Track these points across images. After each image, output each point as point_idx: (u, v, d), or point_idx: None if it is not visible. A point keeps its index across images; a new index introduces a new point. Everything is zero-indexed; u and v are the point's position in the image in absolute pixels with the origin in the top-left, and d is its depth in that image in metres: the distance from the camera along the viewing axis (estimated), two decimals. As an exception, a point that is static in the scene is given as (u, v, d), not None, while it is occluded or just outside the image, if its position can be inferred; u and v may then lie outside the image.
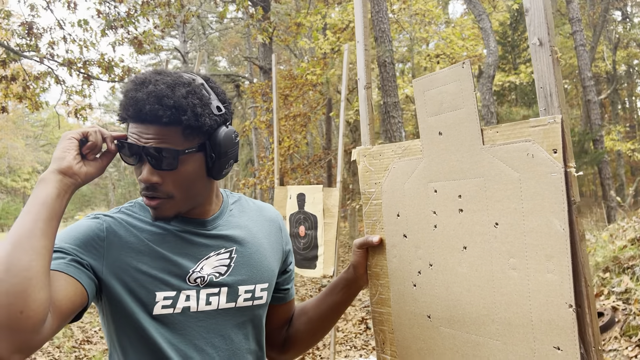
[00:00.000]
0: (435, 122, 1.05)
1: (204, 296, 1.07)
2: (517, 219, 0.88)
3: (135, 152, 1.02)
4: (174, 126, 0.99)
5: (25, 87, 9.20)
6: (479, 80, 7.84)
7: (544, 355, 0.84)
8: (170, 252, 1.06)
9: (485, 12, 7.98)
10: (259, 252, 1.18)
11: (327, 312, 1.28)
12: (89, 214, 1.09)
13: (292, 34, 15.31)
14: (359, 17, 1.30)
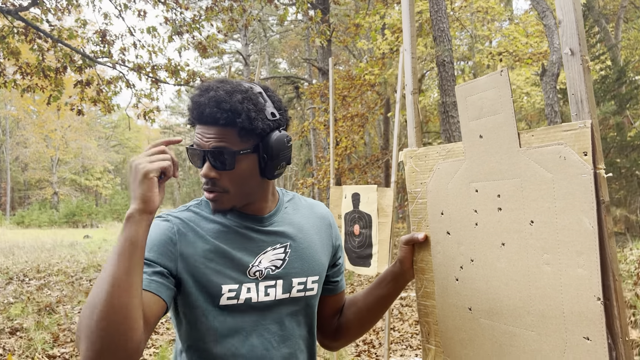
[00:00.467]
0: (476, 125, 1.11)
1: (263, 288, 1.18)
2: (551, 217, 0.94)
3: (199, 153, 1.15)
4: (230, 128, 1.11)
5: (99, 91, 9.77)
6: (542, 78, 7.64)
7: (575, 345, 0.90)
8: (232, 248, 1.18)
9: (549, 9, 7.76)
10: (310, 247, 1.29)
11: (374, 304, 1.36)
12: (160, 214, 1.20)
13: (351, 35, 15.40)
14: (406, 26, 1.38)
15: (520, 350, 1.02)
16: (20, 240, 17.87)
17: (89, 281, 9.40)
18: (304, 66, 29.56)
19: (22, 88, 9.13)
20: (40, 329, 5.95)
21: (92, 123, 43.50)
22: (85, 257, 13.19)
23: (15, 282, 9.18)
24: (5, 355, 5.03)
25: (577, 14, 0.87)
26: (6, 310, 6.89)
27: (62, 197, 40.39)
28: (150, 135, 54.62)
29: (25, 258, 12.85)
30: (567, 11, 0.88)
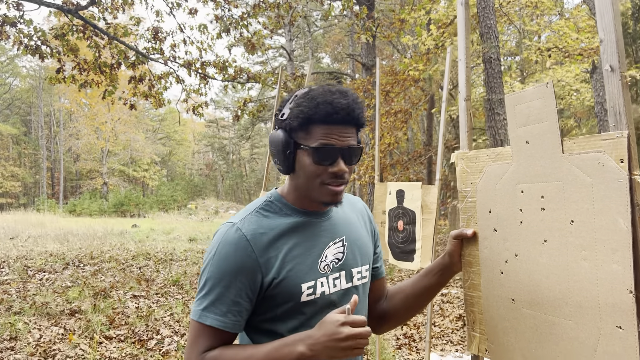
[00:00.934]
0: (523, 132, 1.22)
1: (331, 281, 1.31)
2: (589, 217, 1.04)
3: (336, 151, 1.21)
4: (359, 127, 1.26)
5: (151, 86, 10.15)
6: (592, 76, 7.49)
7: (608, 333, 1.00)
8: (305, 246, 1.29)
9: (600, 4, 7.58)
10: (360, 239, 1.42)
11: (421, 292, 1.46)
12: (229, 222, 1.24)
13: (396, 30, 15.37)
14: (461, 38, 1.48)
15: (559, 338, 1.13)
16: (74, 228, 18.71)
17: (139, 268, 9.82)
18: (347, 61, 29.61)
19: (79, 83, 9.59)
20: (97, 311, 6.32)
21: (140, 116, 44.80)
22: (134, 246, 13.74)
23: (71, 268, 9.69)
24: (67, 335, 5.39)
25: (617, 34, 0.97)
26: (65, 293, 7.33)
27: (111, 187, 41.84)
28: (195, 128, 55.79)
29: (79, 245, 13.49)
30: (608, 31, 0.98)
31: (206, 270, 1.21)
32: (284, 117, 1.23)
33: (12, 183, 40.60)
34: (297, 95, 1.24)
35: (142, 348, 5.02)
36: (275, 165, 1.29)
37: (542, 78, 11.50)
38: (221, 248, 1.20)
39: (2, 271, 9.05)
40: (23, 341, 5.15)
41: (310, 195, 1.28)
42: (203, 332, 1.19)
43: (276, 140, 1.24)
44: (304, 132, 1.21)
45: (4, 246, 12.93)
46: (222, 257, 1.20)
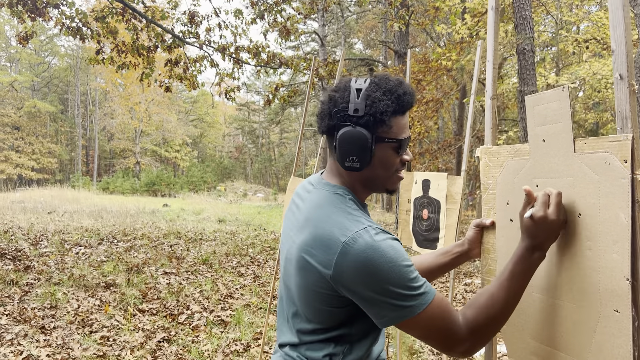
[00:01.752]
0: (541, 131, 1.32)
1: None
2: (595, 211, 1.14)
3: (409, 140, 1.28)
4: None
5: (186, 69, 10.37)
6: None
7: (606, 316, 1.11)
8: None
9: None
10: None
11: (433, 268, 1.57)
12: (365, 228, 1.17)
13: (430, 18, 15.24)
14: (490, 40, 1.58)
15: (564, 320, 1.24)
16: (107, 205, 19.29)
17: (169, 246, 10.15)
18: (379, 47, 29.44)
19: (118, 65, 9.88)
20: (131, 285, 6.61)
21: (173, 97, 45.50)
22: (165, 224, 14.14)
23: (106, 243, 10.07)
24: (103, 306, 5.68)
25: (627, 45, 1.06)
26: (100, 267, 7.66)
27: (144, 167, 42.77)
28: (227, 111, 56.36)
29: (113, 222, 13.95)
30: (619, 42, 1.07)
31: (392, 271, 1.13)
32: (358, 113, 1.20)
33: (49, 159, 41.91)
34: (362, 89, 1.22)
35: (173, 322, 5.27)
36: (347, 162, 1.24)
37: (577, 70, 11.30)
38: (388, 245, 1.15)
39: (41, 244, 9.48)
40: (62, 310, 5.46)
41: (384, 185, 1.32)
42: (438, 302, 1.16)
43: (357, 137, 1.20)
44: (386, 127, 1.22)
45: (42, 220, 13.46)
46: (402, 253, 1.17)
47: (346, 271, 1.13)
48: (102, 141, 47.16)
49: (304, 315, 1.28)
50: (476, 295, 1.22)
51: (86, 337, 4.66)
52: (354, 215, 1.21)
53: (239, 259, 9.18)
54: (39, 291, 6.06)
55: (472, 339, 1.16)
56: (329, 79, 10.39)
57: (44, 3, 8.36)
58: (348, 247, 1.13)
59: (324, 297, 1.20)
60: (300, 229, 1.26)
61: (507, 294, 1.19)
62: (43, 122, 43.20)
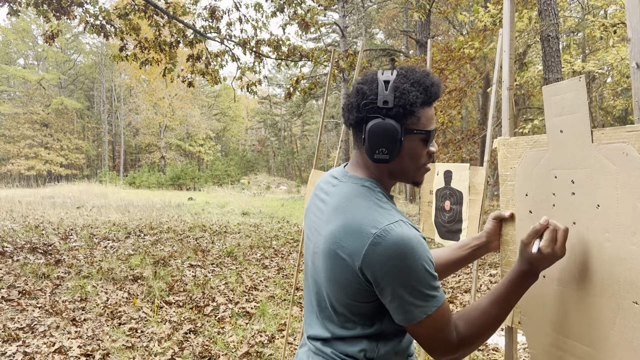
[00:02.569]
0: (558, 122, 1.31)
1: None
2: (613, 202, 1.13)
3: (435, 132, 1.29)
4: None
5: (207, 64, 10.45)
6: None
7: (626, 308, 1.10)
8: None
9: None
10: None
11: (453, 262, 1.56)
12: (397, 221, 1.17)
13: (452, 6, 15.03)
14: (506, 30, 1.57)
15: (583, 311, 1.23)
16: (134, 199, 19.64)
17: (195, 239, 10.29)
18: (400, 37, 29.17)
19: (141, 61, 10.01)
20: (157, 278, 6.74)
21: (196, 92, 45.89)
22: (191, 218, 14.33)
23: (133, 237, 10.27)
24: (131, 299, 5.81)
25: (645, 34, 1.04)
26: (127, 260, 7.82)
27: (169, 161, 43.31)
28: (249, 104, 56.61)
29: (139, 215, 14.20)
30: (636, 30, 1.06)
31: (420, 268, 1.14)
32: (387, 105, 1.20)
33: (77, 155, 42.78)
34: (390, 81, 1.22)
35: (199, 314, 5.36)
36: (377, 154, 1.23)
37: (605, 56, 11.03)
38: (419, 242, 1.16)
39: (71, 238, 9.72)
40: (92, 302, 5.60)
41: (412, 177, 1.33)
42: (445, 309, 1.18)
43: (387, 129, 1.20)
44: (414, 118, 1.23)
45: (72, 215, 13.78)
46: (425, 247, 1.18)
47: (375, 263, 1.13)
48: (127, 136, 47.89)
49: (334, 309, 1.27)
50: (469, 309, 1.24)
51: (115, 328, 4.78)
52: (385, 209, 1.21)
53: (263, 251, 9.26)
54: (70, 284, 6.23)
55: (460, 350, 1.20)
56: (349, 70, 10.35)
57: (68, 2, 8.51)
58: (379, 238, 1.13)
59: (352, 289, 1.20)
60: (327, 222, 1.26)
61: (498, 312, 1.23)
62: (70, 118, 44.06)
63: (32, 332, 4.62)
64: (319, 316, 1.33)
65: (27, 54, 46.27)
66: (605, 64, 11.01)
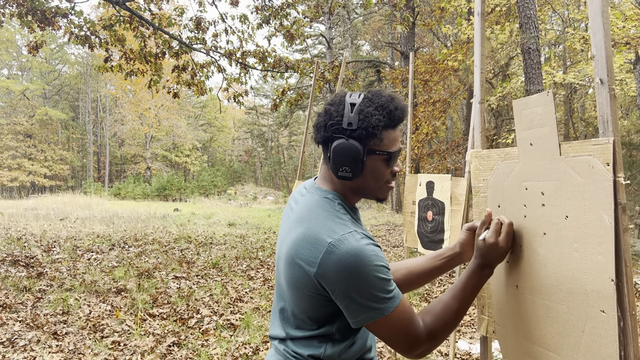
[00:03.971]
0: (528, 135, 1.34)
1: None
2: (581, 213, 1.16)
3: (399, 153, 1.37)
4: None
5: (193, 75, 10.46)
6: (636, 67, 7.33)
7: (594, 317, 1.13)
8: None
9: (647, -7, 7.39)
10: None
11: (426, 273, 1.60)
12: (351, 232, 1.25)
13: (436, 18, 15.23)
14: (477, 45, 1.60)
15: (554, 320, 1.26)
16: (119, 211, 19.46)
17: (180, 251, 10.23)
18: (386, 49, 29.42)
19: (126, 72, 9.99)
20: (141, 290, 6.68)
21: (182, 103, 45.79)
22: (176, 229, 14.24)
23: (117, 249, 10.17)
24: (114, 311, 5.75)
25: (607, 50, 1.08)
26: (111, 272, 7.75)
27: (154, 172, 43.03)
28: (236, 115, 56.58)
29: (124, 227, 14.08)
30: (599, 48, 1.09)
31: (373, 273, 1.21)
32: (351, 126, 1.28)
33: (61, 166, 42.35)
34: (356, 104, 1.30)
35: (183, 326, 5.32)
36: (340, 172, 1.31)
37: (585, 68, 11.24)
38: (371, 250, 1.23)
39: (54, 250, 9.60)
40: (74, 316, 5.53)
41: (375, 195, 1.40)
42: (404, 308, 1.25)
43: (350, 150, 1.28)
44: (377, 140, 1.30)
45: (55, 227, 13.62)
46: (381, 257, 1.25)
47: (330, 270, 1.21)
48: (113, 147, 47.55)
49: (291, 311, 1.36)
50: (433, 304, 1.34)
51: (97, 342, 4.73)
52: (342, 220, 1.29)
53: (249, 262, 9.23)
54: (52, 297, 6.15)
55: (429, 342, 1.28)
56: (335, 82, 10.42)
57: (52, 13, 8.48)
58: (334, 247, 1.21)
59: (308, 294, 1.28)
60: (291, 230, 1.34)
61: (459, 304, 1.33)
62: (55, 129, 43.66)
63: (12, 346, 4.55)
64: (278, 317, 1.42)
65: (11, 64, 45.86)
66: (586, 75, 11.21)
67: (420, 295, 6.74)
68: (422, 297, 6.70)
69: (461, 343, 4.89)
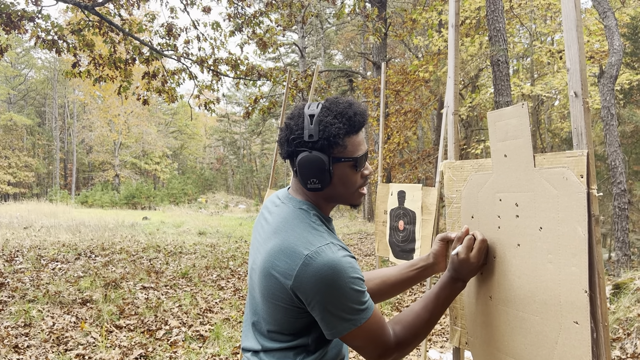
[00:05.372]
0: (502, 146, 1.34)
1: None
2: (555, 225, 1.16)
3: (366, 157, 1.37)
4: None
5: (164, 82, 10.32)
6: (600, 80, 7.54)
7: (567, 328, 1.13)
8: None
9: (610, 9, 7.63)
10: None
11: (400, 282, 1.58)
12: (328, 244, 1.25)
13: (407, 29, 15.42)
14: (451, 56, 1.61)
15: (527, 331, 1.26)
16: (86, 219, 19.00)
17: (149, 260, 10.03)
18: (358, 59, 29.66)
19: (95, 78, 9.79)
20: (108, 301, 6.51)
21: (152, 109, 45.16)
22: (145, 238, 13.97)
23: (83, 258, 9.91)
24: (79, 323, 5.58)
25: (581, 64, 1.09)
26: (77, 282, 7.53)
27: (123, 180, 42.25)
28: (207, 122, 56.10)
29: (91, 236, 13.74)
30: (574, 61, 1.10)
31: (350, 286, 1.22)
32: (313, 138, 1.27)
33: (26, 173, 41.19)
34: (314, 114, 1.29)
35: (151, 338, 5.20)
36: (309, 184, 1.31)
37: (551, 80, 11.52)
38: (347, 262, 1.24)
39: (17, 260, 9.29)
40: (37, 328, 5.35)
41: (348, 201, 1.39)
42: (376, 318, 1.27)
43: (313, 161, 1.27)
44: (340, 147, 1.29)
45: (18, 235, 13.21)
46: (356, 269, 1.26)
47: (306, 283, 1.20)
48: (80, 154, 46.54)
49: (265, 323, 1.34)
50: (404, 313, 1.35)
51: (61, 355, 4.57)
52: (318, 231, 1.29)
53: (219, 272, 9.11)
54: (13, 309, 5.93)
55: (398, 351, 1.30)
56: (308, 91, 10.42)
57: (18, 16, 8.26)
58: (310, 260, 1.20)
59: (283, 306, 1.27)
60: (266, 241, 1.32)
61: (430, 314, 1.34)
62: (19, 135, 42.50)
63: (-30, 360, 4.37)
64: (252, 329, 1.41)
65: (-26, 68, 44.55)
66: (553, 88, 11.49)
67: (391, 304, 6.75)
68: (393, 306, 6.71)
69: (432, 352, 4.90)
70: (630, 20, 11.26)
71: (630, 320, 4.73)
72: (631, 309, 4.93)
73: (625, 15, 11.68)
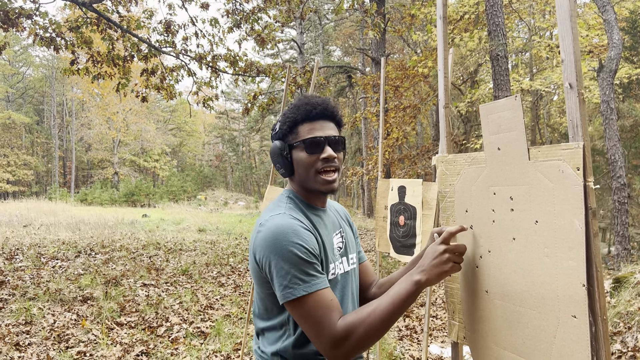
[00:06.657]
0: (496, 139, 1.33)
1: (338, 264, 1.53)
2: (551, 218, 1.16)
3: (320, 141, 1.44)
4: (338, 123, 1.53)
5: (163, 79, 10.29)
6: (599, 74, 7.52)
7: (565, 322, 1.12)
8: (324, 235, 1.48)
9: (609, 3, 7.61)
10: (347, 232, 1.65)
11: (395, 282, 1.60)
12: (280, 213, 1.37)
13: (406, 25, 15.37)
14: (440, 50, 1.60)
15: (525, 326, 1.25)
16: (85, 217, 19.00)
17: (149, 258, 10.03)
18: (357, 55, 29.59)
19: (93, 75, 9.76)
20: (108, 299, 6.51)
21: (151, 107, 45.10)
22: (145, 235, 13.97)
23: (83, 256, 9.92)
24: (80, 321, 5.58)
25: (576, 55, 1.08)
26: (77, 280, 7.53)
27: (122, 177, 42.23)
28: (206, 119, 56.02)
29: (91, 234, 13.74)
30: (568, 52, 1.09)
31: (289, 249, 1.28)
32: (275, 130, 1.50)
33: (25, 171, 41.17)
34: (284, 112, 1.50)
35: (152, 334, 5.20)
36: (278, 171, 1.50)
37: (550, 75, 11.49)
38: (298, 229, 1.32)
39: (17, 258, 9.30)
40: (38, 326, 5.35)
41: (310, 187, 1.47)
42: (323, 299, 1.28)
43: (274, 149, 1.48)
44: (294, 134, 1.46)
45: (18, 234, 13.21)
46: (298, 232, 1.32)
47: (258, 248, 1.33)
48: (79, 152, 46.50)
49: (256, 304, 1.48)
50: (363, 306, 1.34)
51: (62, 352, 4.57)
52: (280, 207, 1.43)
53: (220, 268, 9.11)
54: (14, 307, 5.93)
55: (346, 339, 1.24)
56: (307, 87, 10.40)
57: (16, 14, 8.23)
58: (262, 227, 1.35)
59: (259, 282, 1.38)
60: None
61: (389, 309, 1.27)
62: (18, 133, 42.46)
63: (-30, 359, 4.37)
64: (253, 313, 1.53)
65: (-28, 67, 44.47)
66: (552, 82, 11.47)
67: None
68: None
69: (433, 347, 4.91)
70: (630, 14, 11.23)
71: (631, 314, 4.74)
72: (632, 303, 4.93)
73: (625, 9, 11.64)
